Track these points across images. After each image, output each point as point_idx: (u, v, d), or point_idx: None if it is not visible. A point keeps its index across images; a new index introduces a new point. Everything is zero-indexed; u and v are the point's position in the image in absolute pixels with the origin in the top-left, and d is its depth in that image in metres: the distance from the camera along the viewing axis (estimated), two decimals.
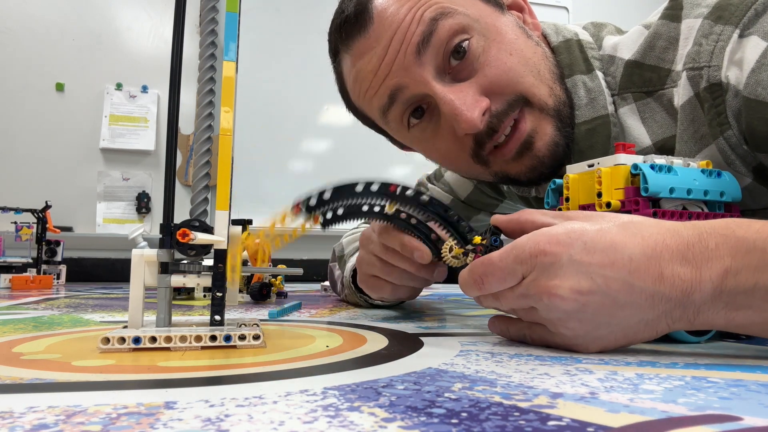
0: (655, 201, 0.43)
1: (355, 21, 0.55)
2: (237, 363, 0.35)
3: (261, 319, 0.60)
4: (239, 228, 0.43)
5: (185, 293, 0.95)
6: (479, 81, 0.53)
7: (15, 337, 0.46)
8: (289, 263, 1.21)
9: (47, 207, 1.39)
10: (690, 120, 0.51)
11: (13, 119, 2.04)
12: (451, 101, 0.52)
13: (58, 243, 1.39)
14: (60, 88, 2.10)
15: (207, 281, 0.42)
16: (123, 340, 0.39)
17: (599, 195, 0.44)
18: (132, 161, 2.16)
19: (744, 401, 0.25)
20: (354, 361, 0.35)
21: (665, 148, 0.54)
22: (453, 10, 0.53)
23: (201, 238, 0.40)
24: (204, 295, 0.95)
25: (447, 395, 0.26)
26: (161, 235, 0.42)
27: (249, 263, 0.90)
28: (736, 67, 0.46)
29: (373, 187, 0.46)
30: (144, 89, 2.19)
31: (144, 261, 0.42)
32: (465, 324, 0.57)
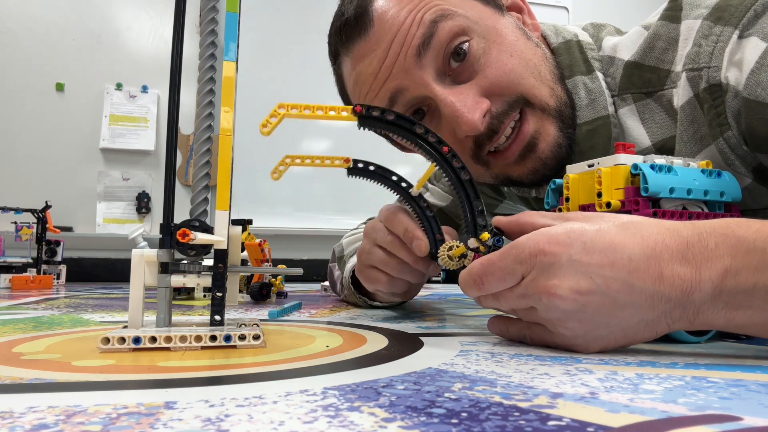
0: (655, 201, 0.43)
1: (355, 24, 0.55)
2: (237, 363, 0.35)
3: (261, 319, 0.60)
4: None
5: (185, 293, 0.95)
6: (480, 83, 0.53)
7: (15, 337, 0.46)
8: (289, 263, 1.21)
9: (47, 207, 1.39)
10: (690, 121, 0.51)
11: (13, 119, 2.04)
12: (452, 103, 0.52)
13: (58, 243, 1.39)
14: (60, 88, 2.10)
15: (207, 281, 0.42)
16: (123, 340, 0.39)
17: (599, 195, 0.44)
18: (132, 161, 2.16)
19: (744, 401, 0.25)
20: (354, 361, 0.35)
21: (665, 148, 0.54)
22: (453, 12, 0.53)
23: (201, 238, 0.40)
24: (204, 295, 0.95)
25: (447, 395, 0.26)
26: (161, 235, 0.42)
27: (249, 263, 0.90)
28: (735, 68, 0.46)
29: (431, 138, 0.46)
30: (144, 89, 2.19)
31: (144, 261, 0.42)
32: (465, 324, 0.57)
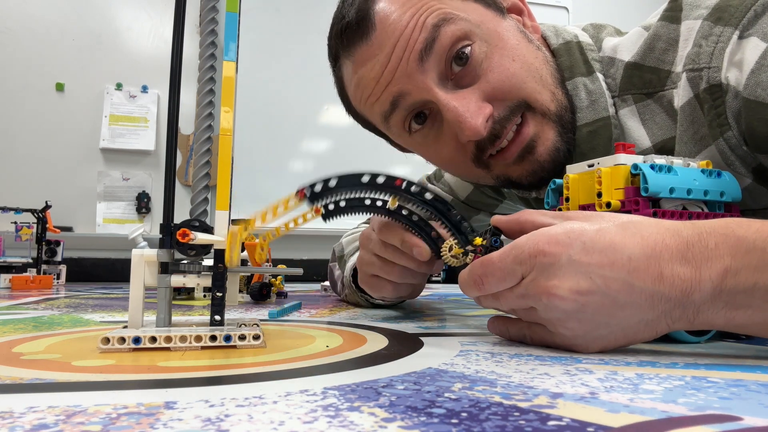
0: (655, 201, 0.43)
1: (357, 27, 0.54)
2: (237, 363, 0.35)
3: (261, 319, 0.60)
4: (239, 228, 0.43)
5: (185, 293, 0.95)
6: (482, 87, 0.53)
7: (15, 337, 0.46)
8: (289, 263, 1.21)
9: (47, 207, 1.39)
10: (690, 121, 0.51)
11: (13, 119, 2.05)
12: (455, 108, 0.52)
13: (58, 243, 1.39)
14: (60, 88, 2.10)
15: (207, 281, 0.42)
16: (123, 340, 0.39)
17: (599, 195, 0.44)
18: (132, 161, 2.16)
19: (744, 401, 0.25)
20: (354, 361, 0.35)
21: (665, 149, 0.54)
22: (455, 15, 0.53)
23: (201, 238, 0.41)
24: (204, 295, 0.95)
25: (447, 395, 0.26)
26: (161, 235, 0.42)
27: (249, 263, 0.90)
28: (735, 69, 0.46)
29: (379, 180, 0.45)
30: (144, 89, 2.19)
31: (144, 261, 0.42)
32: (465, 324, 0.57)
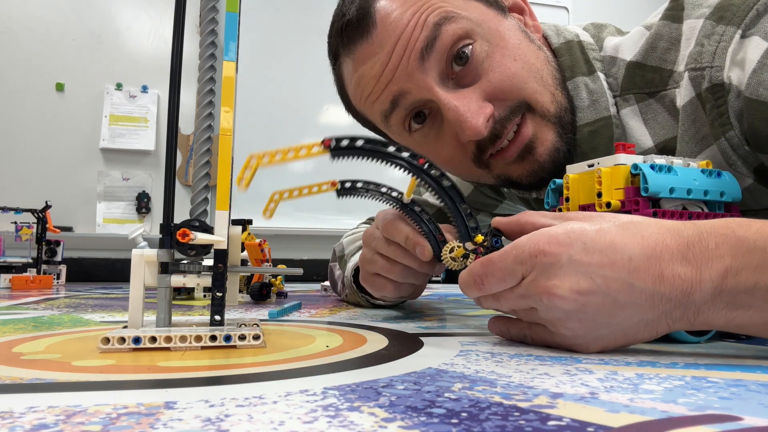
0: (655, 201, 0.43)
1: (358, 25, 0.54)
2: (237, 363, 0.35)
3: (261, 319, 0.60)
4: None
5: (185, 293, 0.95)
6: (483, 86, 0.53)
7: (15, 337, 0.46)
8: (289, 263, 1.21)
9: (47, 207, 1.39)
10: (691, 120, 0.50)
11: (13, 119, 2.05)
12: (456, 108, 0.52)
13: (58, 243, 1.39)
14: (60, 88, 2.10)
15: (207, 281, 0.42)
16: (123, 340, 0.39)
17: (599, 195, 0.44)
18: (132, 161, 2.16)
19: (744, 401, 0.25)
20: (354, 361, 0.35)
21: (667, 149, 0.54)
22: (456, 14, 0.52)
23: (201, 238, 0.40)
24: (204, 295, 0.95)
25: (447, 395, 0.26)
26: (161, 235, 0.42)
27: (249, 263, 0.90)
28: (738, 68, 0.46)
29: (404, 153, 0.45)
30: (144, 89, 2.19)
31: (144, 261, 0.42)
32: (465, 324, 0.57)
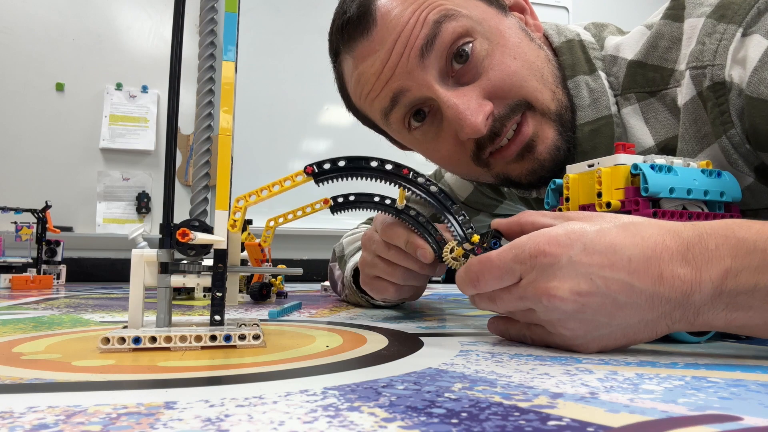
0: (655, 201, 0.43)
1: (358, 23, 0.54)
2: (237, 363, 0.35)
3: (261, 319, 0.60)
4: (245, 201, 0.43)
5: (185, 293, 0.95)
6: (483, 85, 0.53)
7: (15, 337, 0.46)
8: (289, 263, 1.21)
9: (47, 207, 1.39)
10: (692, 119, 0.50)
11: (13, 119, 2.04)
12: (455, 105, 0.52)
13: (58, 243, 1.39)
14: (60, 88, 2.10)
15: (207, 281, 0.42)
16: (123, 340, 0.39)
17: (599, 195, 0.44)
18: (132, 161, 2.16)
19: (744, 401, 0.25)
20: (354, 361, 0.35)
21: (668, 148, 0.54)
22: (456, 12, 0.52)
23: (201, 238, 0.40)
24: (204, 295, 0.95)
25: (447, 395, 0.26)
26: (161, 235, 0.42)
27: (249, 263, 0.90)
28: (739, 66, 0.46)
29: (387, 166, 0.45)
30: (144, 89, 2.19)
31: (144, 261, 0.42)
32: (465, 324, 0.57)
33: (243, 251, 0.89)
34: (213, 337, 0.40)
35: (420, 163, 0.70)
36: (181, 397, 0.25)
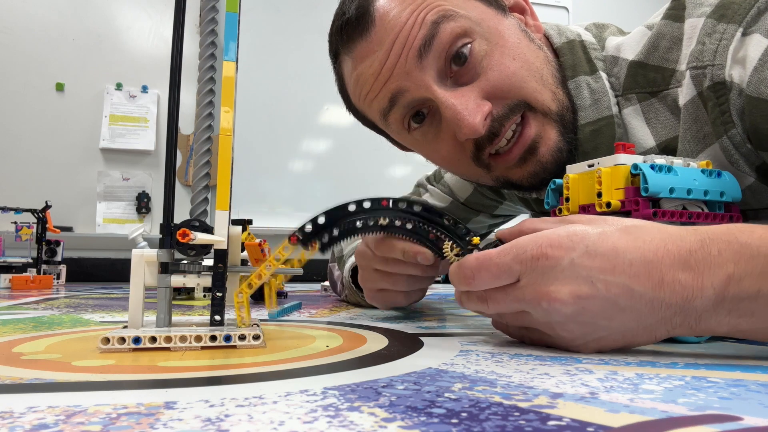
0: (655, 201, 0.43)
1: (357, 24, 0.54)
2: (237, 363, 0.35)
3: (261, 319, 0.60)
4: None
5: (185, 293, 0.95)
6: (481, 85, 0.53)
7: (15, 337, 0.46)
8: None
9: (47, 207, 1.39)
10: (693, 119, 0.50)
11: (13, 119, 2.05)
12: (453, 106, 0.52)
13: (58, 243, 1.39)
14: (60, 88, 2.10)
15: (207, 281, 0.42)
16: (123, 340, 0.39)
17: (599, 195, 0.44)
18: (132, 161, 2.16)
19: (744, 401, 0.25)
20: (354, 361, 0.35)
21: (669, 148, 0.54)
22: (455, 12, 0.52)
23: (201, 238, 0.40)
24: (204, 295, 0.95)
25: (447, 395, 0.26)
26: (161, 235, 0.42)
27: (249, 263, 0.90)
28: (739, 66, 0.46)
29: (366, 204, 0.46)
30: (144, 89, 2.19)
31: (144, 261, 0.42)
32: (465, 324, 0.57)
33: (243, 251, 0.89)
34: (213, 337, 0.40)
35: (420, 164, 0.70)
36: (181, 397, 0.25)
